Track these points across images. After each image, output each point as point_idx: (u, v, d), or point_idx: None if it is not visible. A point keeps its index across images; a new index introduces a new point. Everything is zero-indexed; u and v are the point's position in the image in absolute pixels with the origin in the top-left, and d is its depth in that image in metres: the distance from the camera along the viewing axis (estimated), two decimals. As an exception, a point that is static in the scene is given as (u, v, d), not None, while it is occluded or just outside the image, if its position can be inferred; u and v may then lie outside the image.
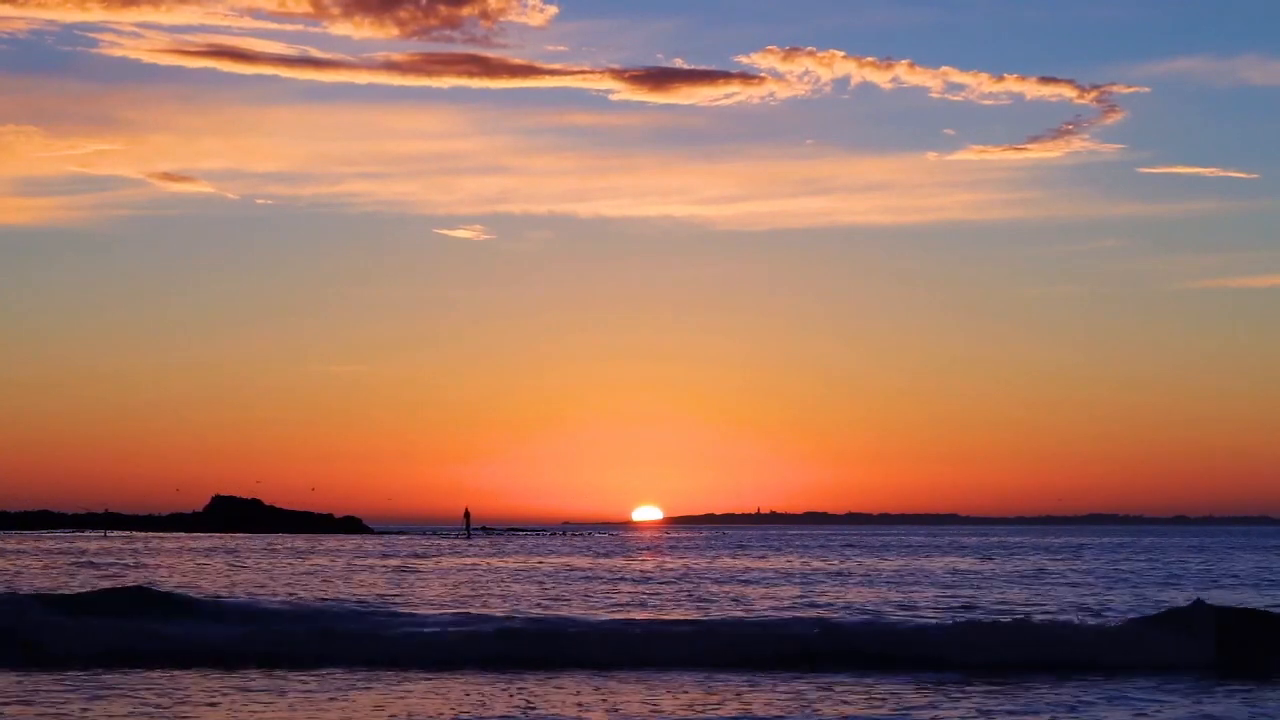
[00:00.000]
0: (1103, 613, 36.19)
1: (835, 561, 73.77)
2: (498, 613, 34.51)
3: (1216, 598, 39.31)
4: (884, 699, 21.70)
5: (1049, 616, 34.03)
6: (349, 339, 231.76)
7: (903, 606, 38.54)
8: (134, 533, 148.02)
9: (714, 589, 47.42)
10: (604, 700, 21.53)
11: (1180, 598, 40.98)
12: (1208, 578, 56.61)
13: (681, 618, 32.62)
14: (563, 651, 26.50)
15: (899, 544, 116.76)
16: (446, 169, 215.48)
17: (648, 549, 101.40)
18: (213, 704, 21.09)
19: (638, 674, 24.48)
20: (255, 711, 20.47)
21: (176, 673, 24.50)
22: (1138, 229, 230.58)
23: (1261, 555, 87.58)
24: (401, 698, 21.74)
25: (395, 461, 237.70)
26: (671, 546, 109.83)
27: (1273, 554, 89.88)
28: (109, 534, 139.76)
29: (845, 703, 21.31)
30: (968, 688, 22.85)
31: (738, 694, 22.15)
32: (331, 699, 21.72)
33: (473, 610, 35.73)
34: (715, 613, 35.43)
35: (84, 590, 34.74)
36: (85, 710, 20.35)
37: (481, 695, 22.00)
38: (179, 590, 42.75)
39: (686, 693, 22.30)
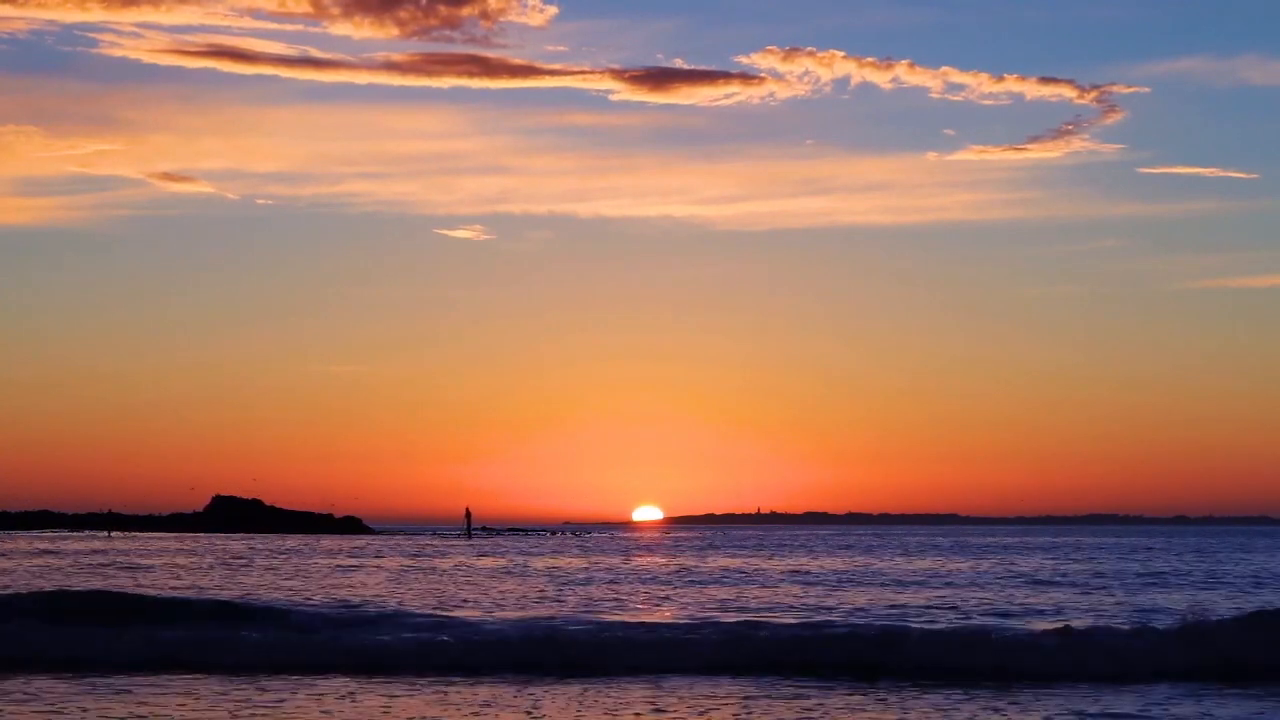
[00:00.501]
0: (1101, 616, 36.10)
1: (833, 562, 73.72)
2: (497, 614, 34.42)
3: (1210, 598, 39.22)
4: (889, 703, 21.64)
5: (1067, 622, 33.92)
6: (349, 339, 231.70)
7: (900, 606, 38.49)
8: (134, 533, 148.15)
9: (712, 590, 47.36)
10: (606, 703, 21.47)
11: (1179, 599, 40.91)
12: (1212, 577, 56.62)
13: (682, 619, 32.55)
14: (563, 655, 26.41)
15: (898, 544, 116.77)
16: (446, 169, 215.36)
17: (647, 549, 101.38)
18: (213, 706, 21.02)
19: (640, 678, 24.41)
20: (256, 712, 20.39)
21: (171, 676, 24.45)
22: (1138, 229, 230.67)
23: (1265, 556, 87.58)
24: (404, 701, 21.67)
25: (395, 461, 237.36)
26: (671, 547, 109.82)
27: (1266, 554, 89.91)
28: (111, 534, 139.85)
29: (849, 706, 21.23)
30: (991, 698, 22.77)
31: (738, 698, 22.08)
32: (339, 698, 21.67)
33: (473, 613, 35.66)
34: (714, 615, 35.34)
35: (67, 591, 34.66)
36: (85, 711, 20.30)
37: (485, 698, 21.94)
38: (176, 592, 42.72)
39: (688, 693, 22.26)
